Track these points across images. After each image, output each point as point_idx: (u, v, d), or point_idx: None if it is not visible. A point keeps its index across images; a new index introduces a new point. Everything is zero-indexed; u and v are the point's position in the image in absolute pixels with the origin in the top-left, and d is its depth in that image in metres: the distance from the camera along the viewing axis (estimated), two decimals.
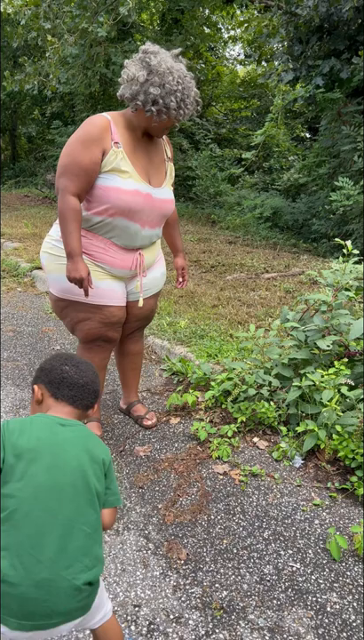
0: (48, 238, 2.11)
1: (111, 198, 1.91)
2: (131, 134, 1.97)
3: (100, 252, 2.01)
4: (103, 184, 1.91)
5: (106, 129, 1.88)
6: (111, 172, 1.90)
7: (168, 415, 2.64)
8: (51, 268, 2.07)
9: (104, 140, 1.87)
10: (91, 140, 1.85)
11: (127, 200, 1.92)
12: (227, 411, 2.59)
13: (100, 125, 1.87)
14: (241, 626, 1.51)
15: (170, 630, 1.49)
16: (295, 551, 1.79)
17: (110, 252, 2.03)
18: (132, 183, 1.94)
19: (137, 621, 1.51)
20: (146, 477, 2.15)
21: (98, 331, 2.11)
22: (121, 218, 1.95)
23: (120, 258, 2.06)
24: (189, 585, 1.64)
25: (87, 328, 2.11)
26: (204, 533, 1.86)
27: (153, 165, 2.07)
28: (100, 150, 1.87)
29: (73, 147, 1.87)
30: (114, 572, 1.67)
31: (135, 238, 2.05)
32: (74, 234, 1.88)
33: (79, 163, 1.85)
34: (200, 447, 2.37)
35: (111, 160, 1.90)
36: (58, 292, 2.08)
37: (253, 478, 2.17)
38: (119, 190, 1.91)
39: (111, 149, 1.89)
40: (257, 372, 2.57)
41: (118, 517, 1.91)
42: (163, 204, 2.08)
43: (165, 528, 1.87)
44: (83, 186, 1.88)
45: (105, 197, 1.91)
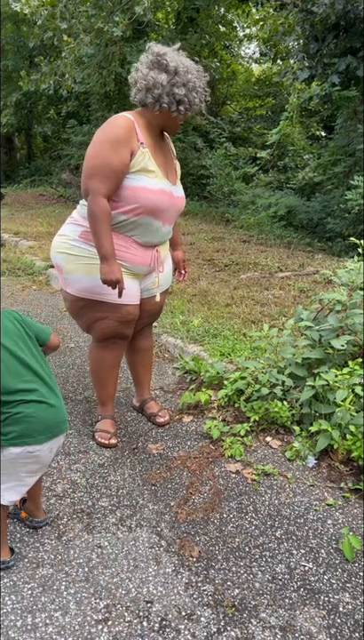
0: (63, 238, 2.12)
1: (140, 198, 1.94)
2: (151, 134, 2.00)
3: (122, 250, 2.03)
4: (131, 184, 1.93)
5: (132, 129, 1.92)
6: (139, 172, 1.94)
7: (181, 413, 2.65)
8: (70, 267, 2.08)
9: (131, 141, 1.91)
10: (120, 142, 1.88)
11: (155, 199, 1.97)
12: (240, 410, 2.58)
13: (126, 126, 1.90)
14: (252, 624, 1.51)
15: (182, 627, 1.49)
16: (307, 551, 1.79)
17: (131, 250, 2.06)
18: (158, 182, 1.99)
19: (149, 617, 1.52)
20: (158, 475, 2.16)
21: (114, 329, 2.13)
22: (146, 216, 1.99)
23: (140, 255, 2.09)
24: (201, 582, 1.65)
25: (104, 326, 2.13)
26: (216, 531, 1.86)
27: (168, 163, 2.11)
28: (129, 151, 1.90)
29: (101, 148, 1.88)
30: (127, 569, 1.68)
31: (156, 235, 2.08)
32: (107, 236, 1.91)
33: (110, 164, 1.87)
34: (212, 446, 2.37)
35: (139, 160, 1.93)
36: (77, 291, 2.10)
37: (266, 477, 2.17)
38: (147, 190, 1.95)
39: (138, 150, 1.92)
40: (271, 372, 2.56)
41: (130, 514, 1.92)
42: (180, 202, 2.14)
43: (177, 525, 1.88)
44: (113, 187, 1.90)
45: (133, 197, 1.94)
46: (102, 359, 2.25)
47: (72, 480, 2.10)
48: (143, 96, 1.92)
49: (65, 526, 1.85)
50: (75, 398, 2.75)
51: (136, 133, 1.93)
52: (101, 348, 2.21)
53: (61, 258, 2.11)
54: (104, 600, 1.56)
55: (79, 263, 2.05)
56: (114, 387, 2.39)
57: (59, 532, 1.81)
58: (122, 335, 2.18)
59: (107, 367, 2.27)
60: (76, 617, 1.50)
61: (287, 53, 7.62)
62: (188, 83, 1.87)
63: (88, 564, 1.69)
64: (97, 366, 2.29)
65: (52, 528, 1.83)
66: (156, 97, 1.89)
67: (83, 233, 2.04)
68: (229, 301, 4.07)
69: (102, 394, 2.36)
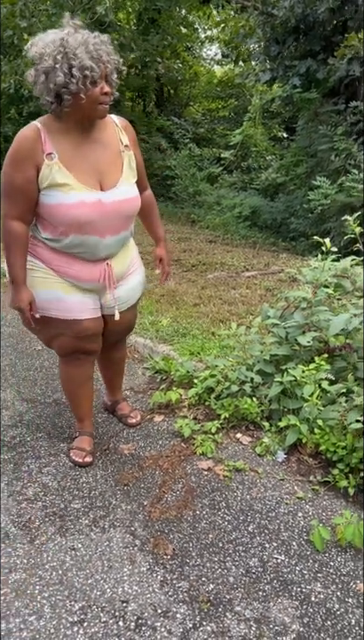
0: None
1: (57, 216, 1.77)
2: (70, 136, 1.78)
3: (64, 266, 1.89)
4: (47, 202, 1.77)
5: (36, 140, 1.72)
6: (49, 187, 1.75)
7: (152, 413, 2.65)
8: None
9: (34, 155, 1.72)
10: (22, 158, 1.72)
11: (76, 214, 1.76)
12: (210, 407, 2.61)
13: (29, 138, 1.72)
14: (228, 618, 1.53)
15: (158, 624, 1.50)
16: (279, 543, 1.82)
17: (75, 267, 1.90)
18: (76, 195, 1.76)
19: (125, 617, 1.52)
20: (130, 475, 2.15)
21: (73, 344, 2.00)
22: (75, 235, 1.80)
23: (86, 271, 1.91)
24: (176, 579, 1.66)
25: (61, 343, 2.01)
26: (190, 528, 1.88)
27: (103, 163, 1.84)
28: (33, 167, 1.73)
29: (6, 167, 1.75)
30: (101, 570, 1.67)
31: (97, 250, 1.89)
32: (17, 261, 1.82)
33: (13, 184, 1.74)
34: (184, 444, 2.39)
35: (46, 175, 1.74)
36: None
37: (237, 473, 2.20)
38: (63, 206, 1.75)
39: (43, 163, 1.73)
40: (240, 369, 2.59)
41: (103, 515, 1.91)
42: (121, 206, 1.86)
43: (151, 524, 1.88)
44: (23, 208, 1.78)
45: (51, 216, 1.79)
46: (70, 376, 2.16)
47: (43, 483, 2.07)
48: (43, 101, 1.72)
49: (37, 530, 1.83)
50: (45, 401, 2.72)
51: (42, 143, 1.72)
52: (67, 364, 2.12)
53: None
54: (79, 602, 1.56)
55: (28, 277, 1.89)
56: (90, 403, 2.29)
57: (32, 536, 1.79)
58: (85, 350, 2.05)
59: (77, 383, 2.18)
60: (51, 620, 1.49)
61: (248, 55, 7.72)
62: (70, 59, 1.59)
63: (62, 566, 1.68)
64: (67, 383, 2.20)
65: (24, 532, 1.81)
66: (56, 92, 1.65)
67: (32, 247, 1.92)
68: (197, 301, 4.10)
69: (77, 411, 2.27)
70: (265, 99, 5.54)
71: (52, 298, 1.91)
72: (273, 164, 10.35)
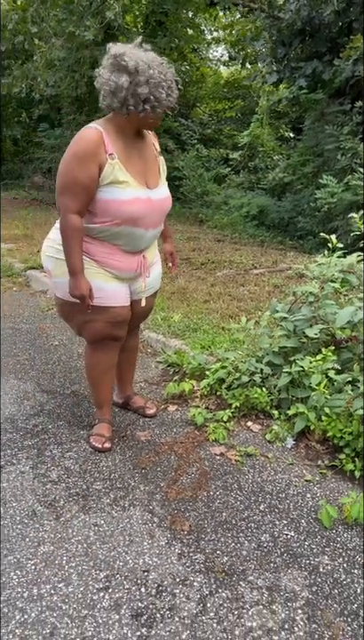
0: (50, 242, 2.15)
1: (113, 211, 1.97)
2: (124, 140, 1.99)
3: (106, 257, 2.08)
4: (104, 197, 1.96)
5: (100, 142, 1.91)
6: (109, 184, 1.94)
7: (166, 403, 2.77)
8: (57, 272, 2.12)
9: (99, 155, 1.91)
10: (87, 157, 1.89)
11: (130, 210, 1.98)
12: (222, 397, 2.73)
13: (93, 140, 1.90)
14: (241, 586, 1.65)
15: (177, 591, 1.62)
16: (289, 521, 1.94)
17: (116, 257, 2.10)
18: (131, 192, 1.98)
19: (146, 584, 1.64)
20: (147, 459, 2.28)
21: (105, 330, 2.17)
22: (126, 226, 2.02)
23: (126, 261, 2.13)
24: (193, 552, 1.78)
25: (94, 329, 2.17)
26: (205, 507, 2.00)
27: (147, 166, 2.10)
28: (97, 165, 1.91)
29: (70, 165, 1.91)
30: (123, 543, 1.80)
31: (141, 242, 2.12)
32: (75, 252, 1.97)
33: (78, 181, 1.90)
34: (197, 431, 2.50)
35: (108, 173, 1.93)
36: (65, 295, 2.11)
37: (248, 458, 2.32)
38: (119, 202, 1.96)
39: (107, 162, 1.92)
40: (250, 361, 2.71)
41: (123, 495, 2.04)
42: (163, 204, 2.15)
43: (168, 504, 2.01)
44: (83, 203, 1.94)
45: (106, 210, 1.97)
46: (96, 361, 2.29)
47: (66, 467, 2.20)
48: (109, 101, 1.91)
49: (62, 508, 1.95)
50: (64, 392, 2.85)
51: (104, 145, 1.92)
52: (95, 350, 2.27)
53: (50, 262, 2.16)
54: (103, 571, 1.68)
55: (65, 268, 2.06)
56: (110, 389, 2.42)
57: (57, 514, 1.92)
58: (114, 337, 2.22)
59: (102, 369, 2.31)
60: (79, 587, 1.62)
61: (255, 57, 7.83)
62: (150, 79, 1.83)
63: (86, 540, 1.80)
64: (92, 369, 2.33)
65: (50, 510, 1.94)
66: (122, 100, 1.87)
67: None
68: (207, 298, 4.22)
69: (98, 396, 2.40)
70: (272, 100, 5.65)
71: (93, 287, 2.07)
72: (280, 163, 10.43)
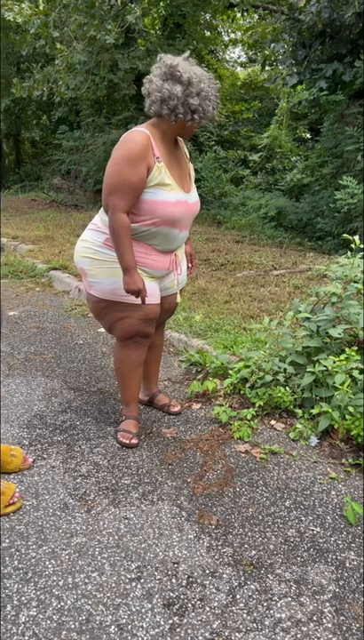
0: (86, 244, 2.24)
1: (158, 211, 2.07)
2: (165, 145, 2.11)
3: (143, 256, 2.17)
4: (150, 198, 2.06)
5: (148, 145, 2.02)
6: (156, 186, 2.06)
7: (190, 401, 2.82)
8: (94, 272, 2.21)
9: (148, 157, 2.02)
10: (137, 159, 1.99)
11: (173, 211, 2.10)
12: (245, 397, 2.77)
13: (143, 143, 2.01)
14: (269, 579, 1.69)
15: (207, 582, 1.67)
16: (315, 517, 1.97)
17: (152, 256, 2.20)
18: (174, 194, 2.11)
19: (177, 575, 1.69)
20: (174, 455, 2.33)
21: (137, 327, 2.25)
22: (165, 227, 2.12)
23: (160, 260, 2.24)
24: (221, 546, 1.82)
25: (126, 325, 2.25)
26: (231, 503, 2.04)
27: (182, 171, 2.23)
28: (146, 167, 2.02)
29: (121, 166, 2.00)
30: (153, 536, 1.85)
31: (174, 242, 2.23)
32: (128, 249, 2.06)
33: (128, 181, 2.00)
34: (222, 429, 2.55)
35: (156, 175, 2.05)
36: (100, 293, 2.22)
37: (273, 456, 2.35)
38: (165, 203, 2.07)
39: (155, 165, 2.04)
40: (273, 360, 2.74)
41: (151, 490, 2.09)
42: (196, 207, 2.27)
43: (195, 499, 2.05)
44: (132, 202, 2.04)
45: (152, 210, 2.07)
46: (126, 358, 2.35)
47: (94, 462, 2.26)
48: (158, 107, 2.03)
49: (93, 502, 2.01)
50: (90, 390, 2.92)
51: (152, 148, 2.04)
52: (125, 347, 2.33)
53: (86, 262, 2.23)
54: (135, 562, 1.73)
55: (103, 267, 2.18)
56: (138, 387, 2.48)
57: (88, 507, 1.98)
58: (145, 333, 2.29)
59: (131, 366, 2.37)
60: (112, 576, 1.67)
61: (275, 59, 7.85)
62: (201, 92, 1.98)
63: (117, 532, 1.86)
64: (121, 365, 2.39)
65: (81, 504, 2.00)
66: (172, 108, 2.00)
67: (106, 240, 2.18)
68: (227, 298, 4.26)
69: (126, 393, 2.46)
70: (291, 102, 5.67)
71: None
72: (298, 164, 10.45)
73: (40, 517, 1.91)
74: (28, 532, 1.84)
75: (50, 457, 2.28)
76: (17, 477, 2.12)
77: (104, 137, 10.54)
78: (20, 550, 1.76)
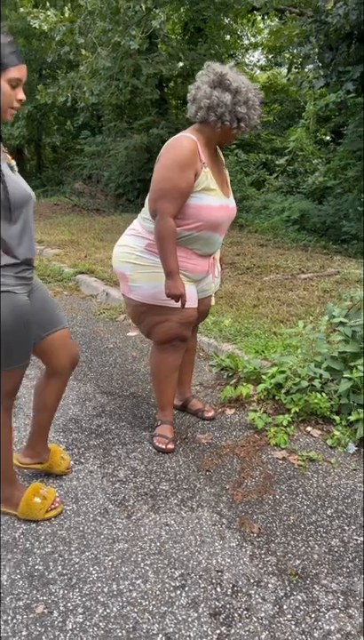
0: (127, 249, 2.27)
1: (203, 216, 2.09)
2: (209, 151, 2.14)
3: (184, 260, 2.18)
4: (195, 203, 2.08)
5: (196, 151, 2.04)
6: (202, 191, 2.08)
7: (223, 407, 2.80)
8: (136, 276, 2.23)
9: (195, 162, 2.04)
10: (186, 165, 2.02)
11: (216, 215, 2.13)
12: (279, 402, 2.73)
13: (191, 149, 2.03)
14: (316, 589, 1.66)
15: (253, 592, 1.64)
16: (358, 526, 1.93)
17: (192, 260, 2.22)
18: (218, 199, 2.13)
19: (221, 584, 1.67)
20: (210, 462, 2.31)
21: (176, 331, 2.26)
22: (207, 231, 2.15)
23: (200, 264, 2.25)
24: (264, 554, 1.80)
25: (165, 329, 2.26)
26: (271, 511, 2.01)
27: (222, 177, 2.25)
28: (194, 173, 2.04)
29: (171, 172, 2.02)
30: (195, 543, 1.83)
31: (214, 246, 2.26)
32: (173, 254, 2.07)
33: (178, 187, 2.02)
34: (257, 435, 2.52)
35: (202, 180, 2.07)
36: (142, 297, 2.25)
37: (311, 463, 2.32)
38: (209, 208, 2.10)
39: (202, 170, 2.06)
40: (308, 366, 2.71)
41: (190, 496, 2.07)
42: (234, 212, 2.30)
43: (235, 506, 2.03)
44: (179, 207, 2.06)
45: (196, 215, 2.09)
46: (163, 362, 2.35)
47: (132, 467, 2.25)
48: (205, 114, 2.03)
49: (132, 507, 2.00)
50: (122, 394, 2.91)
51: (199, 154, 2.06)
52: (162, 351, 2.34)
53: (128, 267, 2.25)
54: (178, 570, 1.72)
55: (144, 272, 2.20)
56: (174, 391, 2.48)
57: (128, 513, 1.97)
58: (183, 337, 2.30)
59: (168, 370, 2.37)
60: (156, 584, 1.66)
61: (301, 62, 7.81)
62: (248, 101, 2.01)
63: (159, 539, 1.84)
64: (158, 370, 2.39)
65: (121, 509, 1.99)
66: (219, 115, 2.02)
67: (148, 245, 2.19)
68: (255, 302, 4.23)
69: (162, 398, 2.46)
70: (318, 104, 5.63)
71: None
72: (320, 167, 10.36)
73: (81, 522, 1.91)
74: (70, 537, 1.84)
75: (87, 461, 2.28)
76: (56, 482, 2.12)
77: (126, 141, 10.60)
78: (64, 556, 1.75)
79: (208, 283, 2.39)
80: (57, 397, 2.02)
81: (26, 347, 1.73)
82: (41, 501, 1.88)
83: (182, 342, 2.34)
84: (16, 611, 1.54)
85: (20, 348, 1.71)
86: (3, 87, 1.52)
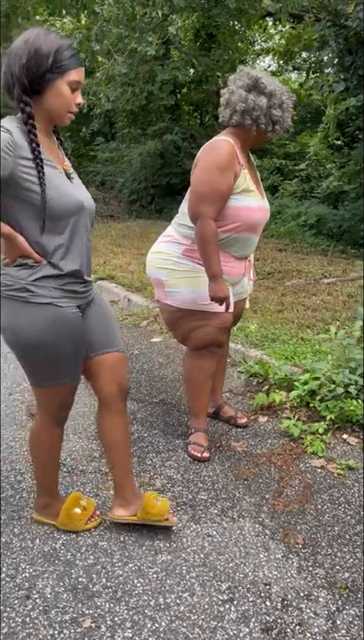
0: (163, 255, 2.26)
1: (243, 217, 2.09)
2: (244, 153, 2.14)
3: (222, 264, 2.13)
4: (235, 204, 2.07)
5: (234, 154, 2.05)
6: (241, 192, 2.08)
7: (255, 414, 2.76)
8: (173, 282, 2.22)
9: (234, 165, 2.05)
10: (226, 167, 2.02)
11: (256, 217, 2.14)
12: (313, 409, 2.68)
13: (230, 152, 2.04)
14: None
15: (303, 606, 1.59)
16: None
17: (230, 263, 2.19)
18: (257, 201, 2.15)
19: (270, 597, 1.62)
20: (248, 470, 2.26)
21: (213, 336, 2.23)
22: (245, 232, 2.14)
23: (237, 267, 2.23)
24: (311, 567, 1.75)
25: (202, 334, 2.23)
26: (315, 521, 1.96)
27: (257, 179, 2.24)
28: (233, 175, 2.04)
29: (211, 175, 2.02)
30: (240, 554, 1.79)
31: (251, 248, 2.25)
32: (216, 256, 2.05)
33: (219, 190, 2.02)
34: (293, 443, 2.47)
35: (241, 182, 2.07)
36: (180, 303, 2.22)
37: (350, 471, 2.27)
38: (249, 209, 2.11)
39: (241, 172, 2.07)
40: (343, 372, 2.66)
41: (230, 506, 2.03)
42: (269, 213, 2.28)
43: (277, 516, 1.98)
44: (220, 209, 2.05)
45: (236, 216, 2.08)
46: (198, 368, 2.32)
47: (168, 476, 2.21)
48: (239, 118, 2.03)
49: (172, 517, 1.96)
50: (152, 401, 2.88)
51: (237, 157, 2.07)
52: (198, 357, 2.30)
53: (164, 273, 2.24)
54: (225, 582, 1.67)
55: (184, 277, 2.18)
56: (208, 398, 2.45)
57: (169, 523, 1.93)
58: (220, 342, 2.28)
59: (203, 377, 2.34)
60: (203, 597, 1.61)
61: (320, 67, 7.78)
62: (282, 104, 2.02)
63: (202, 550, 1.80)
64: (192, 376, 2.36)
65: None
66: (255, 118, 2.02)
67: (185, 250, 2.18)
68: (280, 307, 4.18)
69: (196, 405, 2.42)
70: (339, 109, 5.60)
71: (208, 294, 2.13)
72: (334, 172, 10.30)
73: (121, 533, 1.87)
74: (112, 548, 1.80)
75: None
76: (93, 491, 2.09)
77: (140, 148, 10.61)
78: (106, 567, 1.72)
79: (243, 285, 2.37)
80: (119, 433, 1.80)
81: (70, 363, 1.62)
82: (81, 512, 1.85)
83: (218, 348, 2.31)
84: (63, 625, 1.51)
85: (61, 364, 1.60)
86: (65, 91, 1.47)
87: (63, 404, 1.72)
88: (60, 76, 1.45)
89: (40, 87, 1.45)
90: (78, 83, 1.49)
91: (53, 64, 1.42)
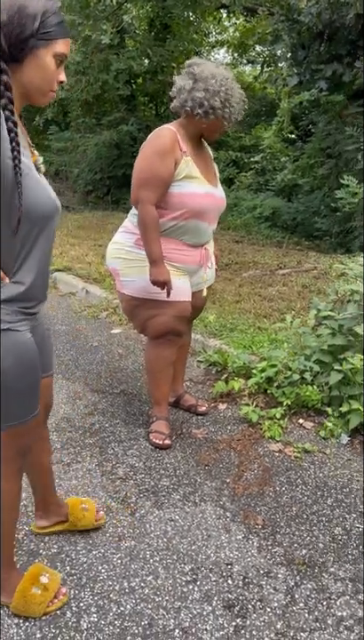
0: (117, 245, 2.29)
1: (188, 203, 2.10)
2: (191, 142, 2.16)
3: (174, 252, 2.18)
4: (178, 191, 2.10)
5: (175, 140, 2.08)
6: (184, 179, 2.10)
7: (215, 402, 2.81)
8: (127, 271, 2.24)
9: (175, 151, 2.07)
10: (166, 153, 2.05)
11: (201, 202, 2.14)
12: (270, 396, 2.76)
13: (170, 137, 2.07)
14: (325, 577, 1.69)
15: (264, 583, 1.66)
16: (358, 514, 1.97)
17: (183, 252, 2.21)
18: (202, 187, 2.15)
19: (232, 576, 1.67)
20: (208, 456, 2.31)
21: (169, 324, 2.25)
22: (194, 219, 2.15)
23: (191, 255, 2.25)
24: (271, 546, 1.81)
25: (159, 323, 2.25)
26: (273, 502, 2.03)
27: (208, 168, 2.27)
28: (173, 161, 2.07)
29: (150, 160, 2.05)
30: (202, 537, 1.83)
31: (204, 235, 2.25)
32: (156, 241, 2.08)
33: (159, 175, 2.05)
34: (252, 428, 2.54)
35: (183, 168, 2.10)
36: (134, 292, 2.25)
37: (306, 454, 2.35)
38: (194, 195, 2.12)
39: (182, 159, 2.09)
40: (299, 359, 2.75)
41: (192, 491, 2.07)
42: (222, 202, 2.31)
43: (237, 499, 2.04)
44: (160, 195, 2.08)
45: (181, 203, 2.10)
46: (158, 357, 2.35)
47: (130, 464, 2.23)
48: (175, 103, 2.10)
49: (135, 504, 1.98)
50: (113, 392, 2.89)
51: (178, 143, 2.09)
52: (157, 346, 2.33)
53: (118, 262, 2.26)
54: (188, 564, 1.71)
55: (136, 266, 2.20)
56: (169, 386, 2.48)
57: (132, 510, 1.95)
58: (177, 331, 2.30)
59: (163, 365, 2.37)
60: (167, 579, 1.65)
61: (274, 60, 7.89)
62: (209, 87, 2.01)
63: (165, 535, 1.84)
64: (153, 365, 2.39)
65: (124, 506, 1.97)
66: (182, 102, 2.06)
67: (137, 240, 2.19)
68: (237, 298, 4.25)
69: (157, 393, 2.45)
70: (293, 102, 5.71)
71: None
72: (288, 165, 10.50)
73: None
74: (76, 537, 1.81)
75: (84, 460, 2.25)
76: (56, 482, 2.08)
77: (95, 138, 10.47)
78: (71, 556, 1.73)
79: (201, 275, 2.38)
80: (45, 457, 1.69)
81: (33, 394, 1.38)
82: (41, 593, 1.50)
83: (177, 337, 2.34)
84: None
85: (26, 397, 1.36)
86: (49, 63, 1.22)
87: (26, 446, 1.46)
88: (45, 45, 1.20)
89: (20, 54, 1.19)
90: (64, 56, 1.24)
91: (39, 28, 1.18)
